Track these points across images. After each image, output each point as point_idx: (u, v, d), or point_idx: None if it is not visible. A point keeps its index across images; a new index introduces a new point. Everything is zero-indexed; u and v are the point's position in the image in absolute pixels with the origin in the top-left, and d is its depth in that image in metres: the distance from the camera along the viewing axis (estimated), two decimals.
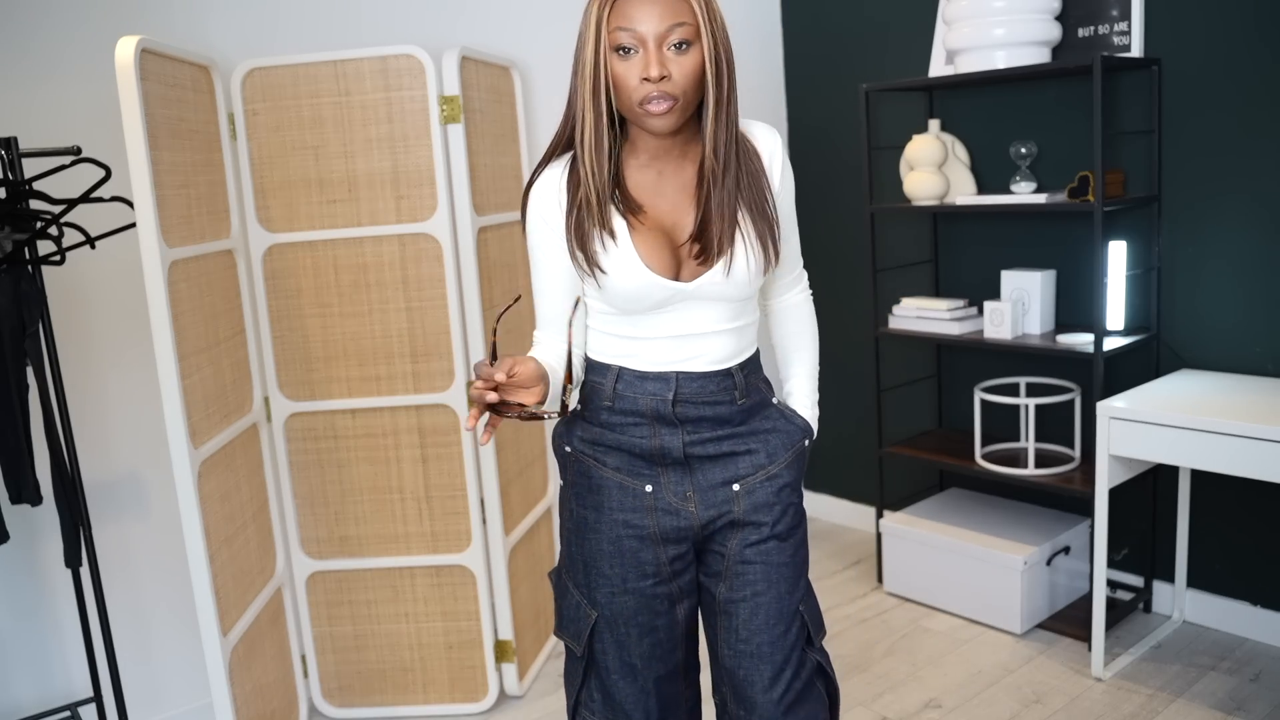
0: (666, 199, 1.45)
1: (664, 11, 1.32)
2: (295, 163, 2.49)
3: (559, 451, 1.58)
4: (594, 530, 1.53)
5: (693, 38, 1.34)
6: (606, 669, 1.55)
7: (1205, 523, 2.89)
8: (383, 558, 2.64)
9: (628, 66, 1.34)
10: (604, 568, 1.52)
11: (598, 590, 1.53)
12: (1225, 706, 2.51)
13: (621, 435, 1.50)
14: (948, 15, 2.97)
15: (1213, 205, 2.75)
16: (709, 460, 1.51)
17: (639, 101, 1.35)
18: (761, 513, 1.51)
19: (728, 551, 1.52)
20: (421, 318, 2.54)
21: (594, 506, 1.52)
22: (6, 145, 2.05)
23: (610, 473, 1.51)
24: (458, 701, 2.72)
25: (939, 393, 3.51)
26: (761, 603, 1.50)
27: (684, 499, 1.51)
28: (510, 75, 2.88)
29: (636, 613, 1.52)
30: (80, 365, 2.44)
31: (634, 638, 1.53)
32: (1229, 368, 2.78)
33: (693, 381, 1.47)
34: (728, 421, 1.50)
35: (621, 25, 1.33)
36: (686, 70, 1.34)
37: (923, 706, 2.60)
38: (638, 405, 1.48)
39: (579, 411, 1.53)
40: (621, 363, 1.50)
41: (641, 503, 1.51)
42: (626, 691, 1.54)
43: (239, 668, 2.26)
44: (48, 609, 2.45)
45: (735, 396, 1.50)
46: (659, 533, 1.51)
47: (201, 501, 2.11)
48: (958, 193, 3.21)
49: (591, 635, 1.54)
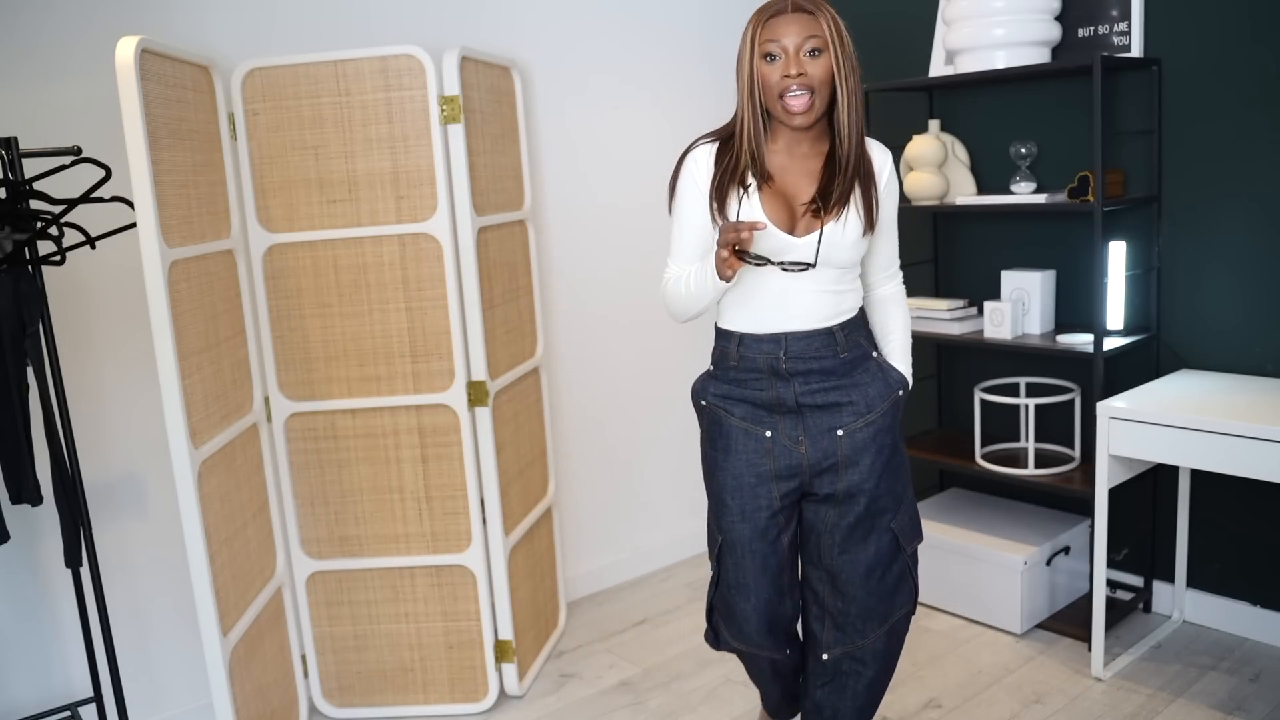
0: (792, 175, 1.82)
1: (800, 28, 1.71)
2: (295, 163, 2.49)
3: (697, 404, 1.95)
4: (721, 469, 1.88)
5: (823, 48, 1.72)
6: (727, 584, 1.91)
7: (1205, 523, 2.89)
8: (383, 558, 2.65)
9: (772, 69, 1.74)
10: (728, 500, 1.87)
11: (723, 519, 1.88)
12: (1225, 706, 2.51)
13: (745, 389, 1.86)
14: (948, 15, 2.98)
15: (1213, 205, 2.75)
16: (817, 409, 1.84)
17: (780, 94, 1.73)
18: (861, 454, 1.85)
19: (837, 487, 1.85)
20: (421, 318, 2.54)
21: (723, 450, 1.88)
22: (7, 145, 2.06)
23: (737, 421, 1.87)
24: (458, 701, 2.72)
25: (939, 393, 3.51)
26: (860, 518, 1.85)
27: (796, 442, 1.84)
28: (510, 75, 2.88)
29: (751, 539, 1.86)
30: (80, 365, 2.44)
31: (747, 561, 1.87)
32: (1229, 368, 2.78)
33: (799, 340, 1.82)
34: (833, 373, 1.84)
35: (769, 38, 1.73)
36: (817, 71, 1.72)
37: (923, 706, 2.61)
38: (756, 363, 1.84)
39: (793, 268, 1.78)
40: (743, 329, 1.85)
41: (762, 446, 1.85)
42: (741, 605, 1.90)
43: (239, 668, 2.26)
44: (48, 609, 2.45)
45: (837, 350, 1.84)
46: (774, 471, 1.85)
47: (201, 501, 2.11)
48: (958, 193, 3.21)
49: (719, 556, 1.91)
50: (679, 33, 3.49)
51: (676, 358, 3.60)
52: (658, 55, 3.44)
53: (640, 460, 3.54)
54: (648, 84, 3.42)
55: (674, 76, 3.48)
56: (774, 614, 1.91)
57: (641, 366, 3.51)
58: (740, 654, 2.04)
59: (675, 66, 3.48)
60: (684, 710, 2.66)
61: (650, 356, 3.53)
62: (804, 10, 1.72)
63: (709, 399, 1.92)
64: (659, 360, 3.55)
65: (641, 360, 3.51)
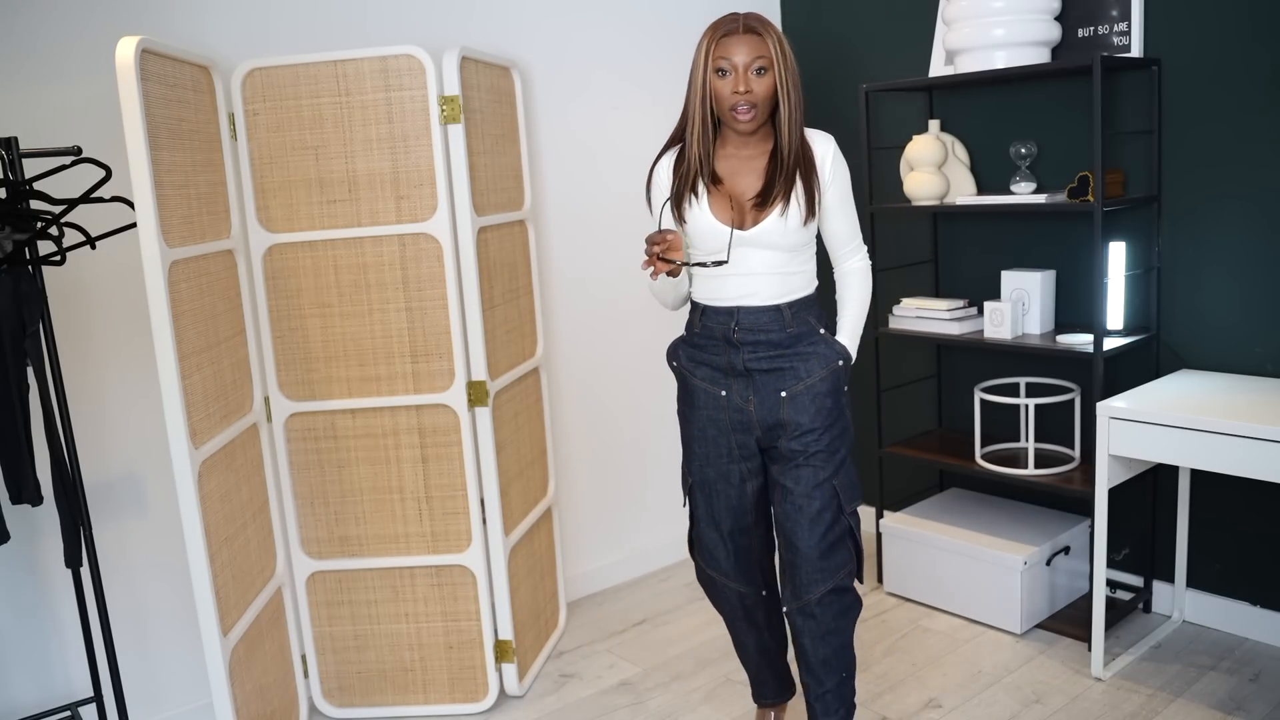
0: (740, 176, 2.06)
1: (749, 49, 1.94)
2: (295, 163, 2.49)
3: (670, 365, 2.23)
4: (689, 422, 2.18)
5: (768, 66, 1.95)
6: (698, 519, 2.22)
7: (1205, 523, 2.89)
8: (383, 558, 2.65)
9: (724, 83, 1.96)
10: (695, 448, 2.17)
11: (691, 463, 2.19)
12: (1225, 706, 2.51)
13: (705, 354, 2.12)
14: (948, 15, 2.98)
15: (1212, 205, 2.75)
16: (763, 373, 2.08)
17: (730, 108, 1.97)
18: (802, 415, 2.08)
19: (781, 445, 2.10)
20: (421, 318, 2.54)
21: (689, 405, 2.17)
22: (7, 145, 2.06)
23: (699, 381, 2.15)
24: (458, 701, 2.72)
25: (939, 393, 3.51)
26: (802, 476, 2.08)
27: (746, 401, 2.10)
28: (510, 75, 2.88)
29: (715, 481, 2.16)
30: (80, 365, 2.44)
31: (714, 499, 2.18)
32: (1229, 368, 2.78)
33: (749, 314, 2.06)
34: (778, 344, 2.07)
35: (721, 55, 1.95)
36: (762, 87, 1.96)
37: (923, 706, 2.61)
38: (714, 332, 2.09)
39: (707, 264, 2.00)
40: (705, 301, 2.11)
41: (718, 402, 2.12)
42: (710, 536, 2.22)
43: (239, 668, 2.26)
44: (48, 609, 2.45)
45: (784, 325, 2.07)
46: (730, 424, 2.12)
47: (202, 501, 2.11)
48: (958, 193, 3.21)
49: (691, 495, 2.22)
50: (679, 32, 3.49)
51: None
52: (658, 55, 3.44)
53: (640, 460, 3.54)
54: (648, 84, 3.42)
55: (674, 76, 3.48)
56: (738, 545, 2.21)
57: (641, 366, 3.51)
58: (716, 593, 2.29)
59: (675, 66, 3.48)
60: (684, 710, 2.66)
61: (650, 356, 3.53)
62: (754, 32, 1.94)
63: (679, 361, 2.20)
64: (659, 360, 3.55)
65: (641, 360, 3.51)
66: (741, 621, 2.31)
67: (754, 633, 2.33)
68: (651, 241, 1.91)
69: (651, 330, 3.52)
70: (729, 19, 1.96)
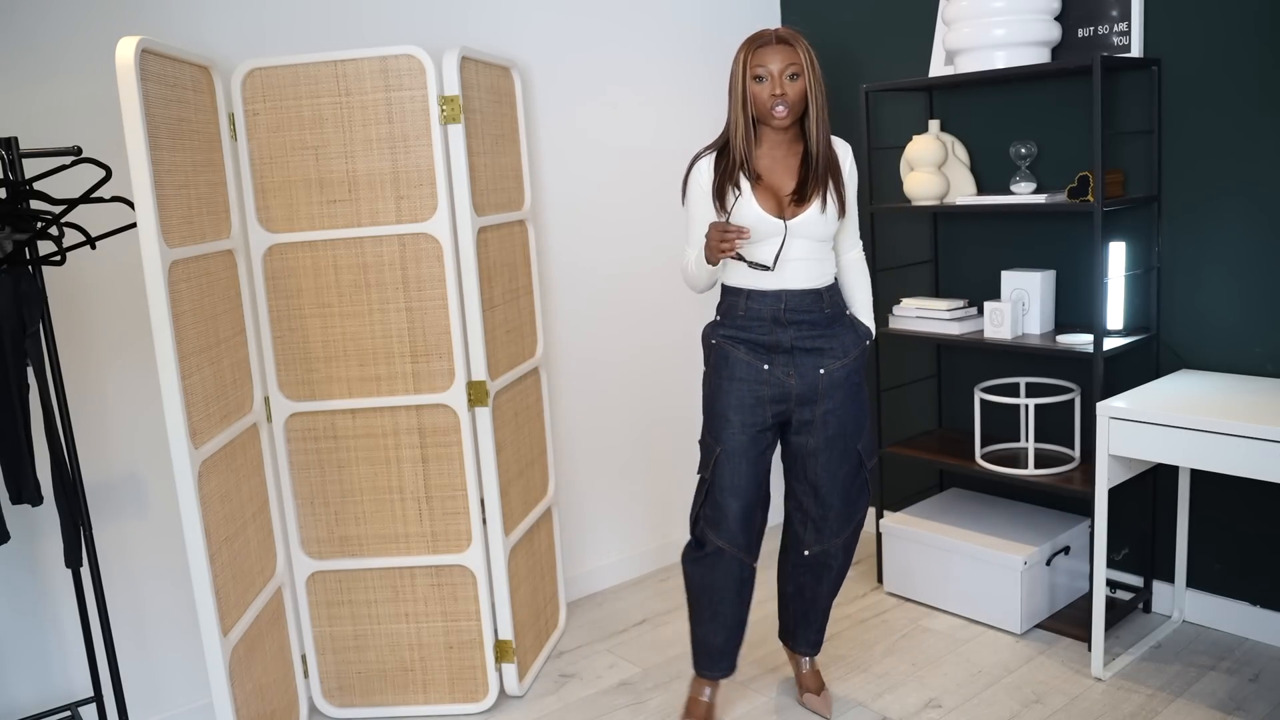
0: (776, 174, 2.32)
1: (783, 57, 2.22)
2: (295, 163, 2.49)
3: (707, 343, 2.42)
4: (726, 392, 2.35)
5: (800, 72, 2.23)
6: (720, 488, 2.36)
7: (1205, 523, 2.89)
8: (383, 558, 2.65)
9: (761, 88, 2.24)
10: (731, 416, 2.34)
11: (724, 431, 2.35)
12: (1225, 706, 2.51)
13: (749, 333, 2.34)
14: (948, 15, 2.98)
15: (1213, 205, 2.75)
16: (805, 351, 2.34)
17: (769, 109, 2.23)
18: (836, 389, 2.36)
19: (815, 414, 2.37)
20: (421, 318, 2.54)
21: (729, 377, 2.35)
22: (7, 145, 2.06)
23: (742, 355, 2.35)
24: (458, 701, 2.72)
25: (939, 393, 3.51)
26: (834, 444, 2.38)
27: (787, 375, 2.34)
28: (510, 75, 2.88)
29: (747, 449, 2.34)
30: (80, 365, 2.44)
31: (742, 465, 2.34)
32: (1229, 368, 2.78)
33: (795, 297, 2.32)
34: (818, 324, 2.34)
35: (758, 64, 2.23)
36: (795, 91, 2.23)
37: (923, 706, 2.61)
38: (761, 314, 2.33)
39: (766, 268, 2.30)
40: (751, 286, 2.34)
41: (760, 375, 2.34)
42: (729, 504, 2.36)
43: (239, 668, 2.26)
44: (48, 609, 2.45)
45: (822, 306, 2.34)
46: (770, 396, 2.34)
47: (201, 501, 2.11)
48: (958, 193, 3.21)
49: (715, 465, 2.35)
50: (679, 32, 3.49)
51: (677, 358, 3.60)
52: (658, 55, 3.44)
53: (640, 460, 3.54)
54: (648, 84, 3.42)
55: (674, 76, 3.48)
56: (752, 516, 2.39)
57: (641, 366, 3.51)
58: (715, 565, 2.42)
59: (675, 66, 3.48)
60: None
61: (650, 356, 3.53)
62: (786, 43, 2.23)
63: (718, 338, 2.39)
64: (659, 360, 3.55)
65: (641, 360, 3.51)
66: (733, 593, 2.44)
67: (739, 603, 2.46)
68: (727, 232, 2.16)
69: (652, 330, 3.52)
70: (763, 33, 2.24)
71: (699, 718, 2.54)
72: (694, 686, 2.58)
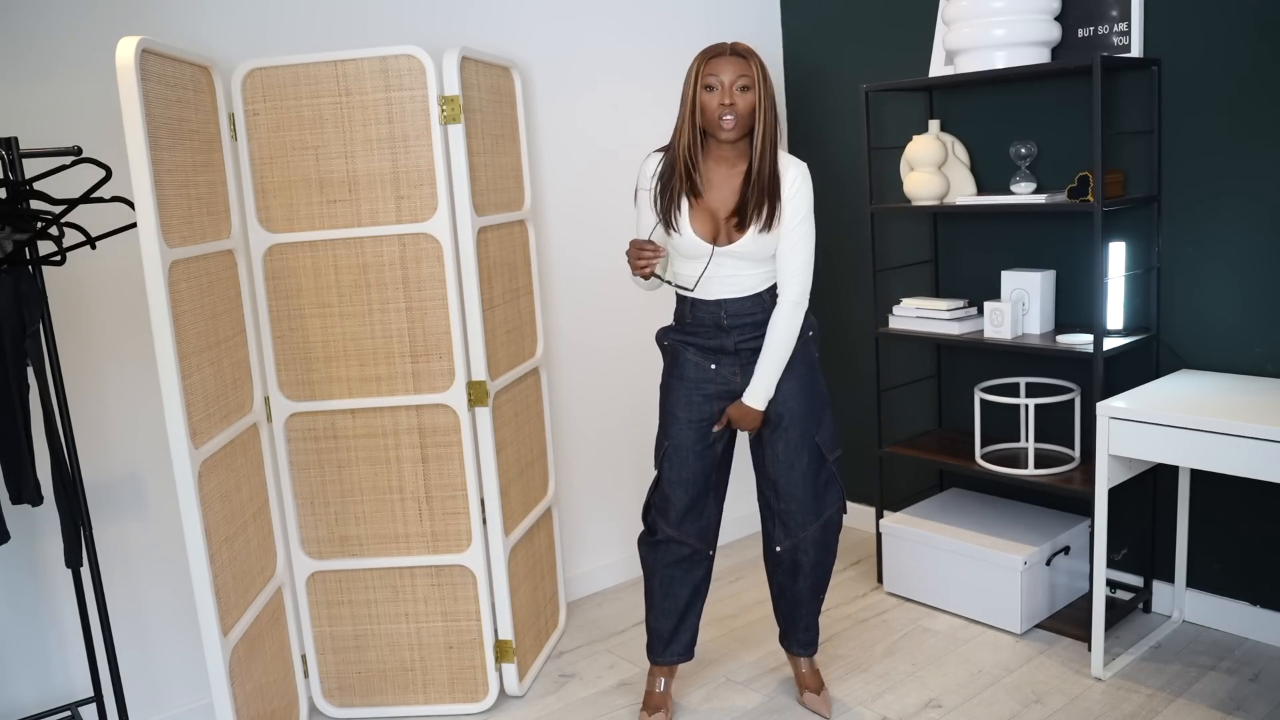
0: (718, 191, 2.33)
1: (735, 69, 2.22)
2: (295, 163, 2.49)
3: (660, 345, 2.50)
4: (676, 390, 2.43)
5: (750, 85, 2.22)
6: (668, 481, 2.44)
7: (1205, 523, 2.89)
8: (383, 558, 2.65)
9: (711, 97, 2.23)
10: (679, 412, 2.42)
11: (672, 427, 2.43)
12: (1225, 706, 2.51)
13: (696, 337, 2.41)
14: (948, 15, 2.98)
15: (1212, 205, 2.75)
16: (751, 351, 2.39)
17: (717, 117, 2.23)
18: (784, 382, 2.39)
19: (768, 412, 2.40)
20: (421, 318, 2.54)
21: (679, 376, 2.43)
22: (7, 145, 2.06)
23: (691, 355, 2.42)
24: (458, 701, 2.72)
25: (939, 393, 3.51)
26: (790, 438, 2.41)
27: (734, 373, 2.40)
28: (510, 75, 2.88)
29: (693, 443, 2.41)
30: (80, 365, 2.44)
31: (688, 459, 2.42)
32: (1229, 368, 2.78)
33: (735, 304, 2.36)
34: (761, 324, 2.38)
35: (710, 73, 2.23)
36: (745, 103, 2.23)
37: (923, 706, 2.61)
38: (703, 320, 2.39)
39: (689, 290, 2.38)
40: (693, 296, 2.39)
41: (707, 374, 2.41)
42: (675, 496, 2.44)
43: (239, 668, 2.26)
44: (48, 608, 2.45)
45: (764, 308, 2.37)
46: (716, 393, 2.41)
47: (202, 501, 2.11)
48: (958, 193, 3.21)
49: (664, 458, 2.44)
50: (679, 32, 3.49)
51: None
52: (658, 54, 3.44)
53: (640, 460, 3.54)
54: (648, 83, 3.42)
55: (674, 76, 3.48)
56: (700, 506, 2.46)
57: (641, 366, 3.51)
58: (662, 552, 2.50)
59: (675, 66, 3.48)
60: (684, 710, 2.66)
61: (650, 356, 3.53)
62: (739, 55, 2.23)
63: (670, 340, 2.46)
64: (659, 360, 3.55)
65: (641, 360, 3.51)
66: (680, 579, 2.52)
67: (691, 590, 2.54)
68: (640, 250, 2.22)
69: (651, 330, 3.52)
70: (719, 45, 2.25)
71: (653, 708, 2.58)
72: (649, 678, 2.63)
